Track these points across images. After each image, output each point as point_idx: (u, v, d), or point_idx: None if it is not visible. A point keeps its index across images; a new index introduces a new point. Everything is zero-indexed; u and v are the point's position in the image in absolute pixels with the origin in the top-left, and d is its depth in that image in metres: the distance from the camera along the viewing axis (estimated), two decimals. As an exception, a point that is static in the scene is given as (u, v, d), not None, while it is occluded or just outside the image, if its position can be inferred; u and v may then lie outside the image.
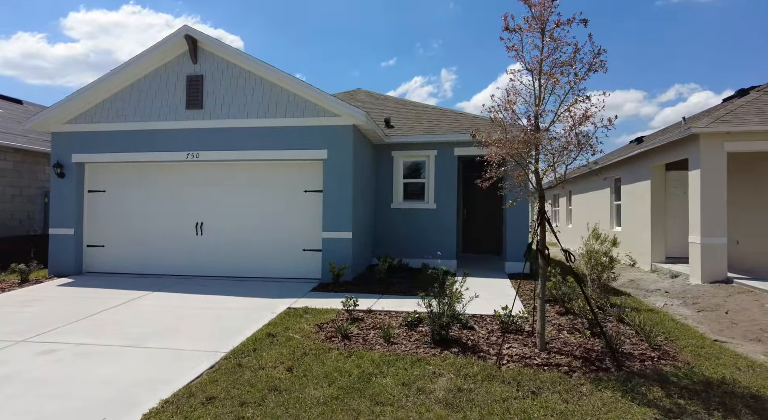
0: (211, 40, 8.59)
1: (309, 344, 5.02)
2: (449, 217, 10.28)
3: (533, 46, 4.71)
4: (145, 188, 9.26)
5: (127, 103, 9.02)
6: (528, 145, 4.62)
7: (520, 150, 4.61)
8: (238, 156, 8.68)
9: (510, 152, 4.75)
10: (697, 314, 7.33)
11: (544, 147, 4.68)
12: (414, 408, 3.56)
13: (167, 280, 8.57)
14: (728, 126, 8.91)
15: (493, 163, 4.95)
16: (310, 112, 8.45)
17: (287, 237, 8.76)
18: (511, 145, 4.63)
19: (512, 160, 4.80)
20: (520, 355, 4.60)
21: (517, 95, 4.84)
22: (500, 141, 4.67)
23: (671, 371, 4.34)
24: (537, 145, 4.69)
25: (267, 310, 6.48)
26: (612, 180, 14.79)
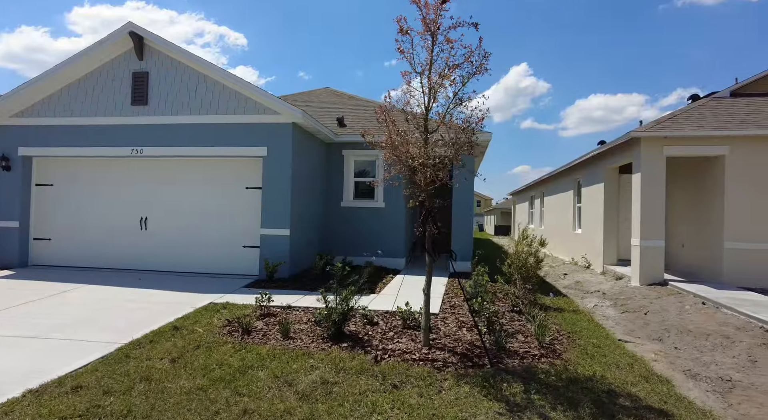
0: (156, 38, 8.67)
1: (207, 338, 5.13)
2: (398, 217, 10.40)
3: (424, 49, 4.82)
4: (93, 183, 9.36)
5: (75, 98, 9.11)
6: (414, 146, 4.73)
7: (407, 154, 4.72)
8: (182, 152, 8.78)
9: (398, 154, 4.86)
10: (621, 315, 7.47)
11: (432, 149, 4.79)
12: (270, 399, 3.67)
13: (109, 274, 8.67)
14: (666, 131, 9.04)
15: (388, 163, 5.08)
16: (251, 109, 8.55)
17: (229, 233, 8.87)
18: (396, 148, 4.74)
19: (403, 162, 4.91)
20: (403, 350, 4.72)
21: (411, 96, 4.96)
22: (386, 143, 4.77)
23: (545, 369, 4.47)
24: (425, 146, 4.81)
25: (189, 304, 6.59)
26: (576, 182, 14.94)
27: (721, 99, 10.90)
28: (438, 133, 4.91)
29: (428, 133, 4.87)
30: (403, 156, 4.88)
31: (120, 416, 3.35)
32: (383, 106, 4.83)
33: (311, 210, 9.76)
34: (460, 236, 10.18)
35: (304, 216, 9.24)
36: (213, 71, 8.56)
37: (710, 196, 9.50)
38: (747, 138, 8.84)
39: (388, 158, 4.93)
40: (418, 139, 4.77)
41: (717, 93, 11.25)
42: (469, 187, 10.21)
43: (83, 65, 8.93)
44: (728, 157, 8.96)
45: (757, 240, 8.85)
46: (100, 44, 8.70)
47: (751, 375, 4.66)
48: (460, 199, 10.23)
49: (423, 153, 4.75)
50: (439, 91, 4.86)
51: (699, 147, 9.14)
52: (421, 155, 4.74)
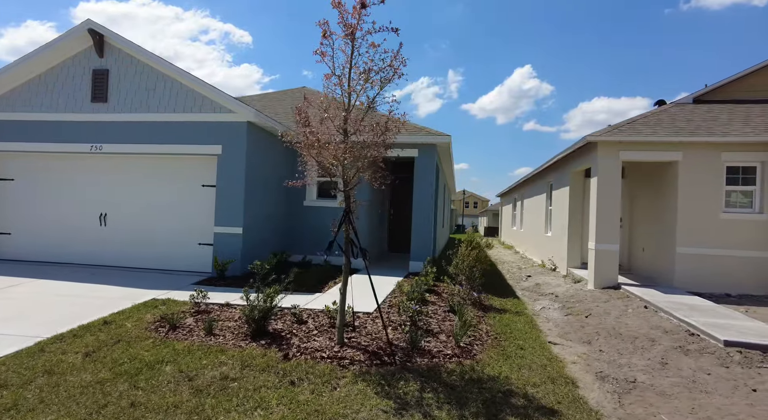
0: (115, 36, 8.76)
1: (132, 333, 5.22)
2: (360, 215, 10.46)
3: (343, 53, 4.91)
4: (53, 178, 9.44)
5: (35, 93, 9.19)
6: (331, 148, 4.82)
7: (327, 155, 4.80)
8: (141, 149, 8.87)
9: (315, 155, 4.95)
10: (563, 318, 7.55)
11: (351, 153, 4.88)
12: (162, 393, 3.76)
13: (66, 269, 8.76)
14: (621, 135, 9.13)
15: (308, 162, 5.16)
16: (207, 108, 8.64)
17: (185, 231, 8.96)
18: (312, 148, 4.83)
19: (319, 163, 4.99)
20: (316, 347, 4.80)
21: (333, 99, 5.05)
22: (303, 144, 4.86)
23: (451, 368, 4.55)
24: (345, 150, 4.90)
25: (131, 299, 6.67)
26: (548, 185, 15.02)
27: (683, 105, 10.99)
28: (357, 135, 4.99)
29: (347, 135, 4.95)
30: (319, 157, 4.96)
31: (3, 410, 3.43)
32: (300, 107, 4.90)
33: (270, 209, 9.84)
34: (419, 236, 10.27)
35: (260, 214, 9.33)
36: (171, 70, 8.65)
37: (665, 201, 9.59)
38: (698, 144, 8.92)
39: (307, 159, 5.01)
40: (336, 140, 4.85)
41: (681, 99, 11.34)
42: (428, 187, 10.29)
43: (44, 61, 9.01)
44: (681, 163, 9.05)
45: (707, 245, 8.94)
46: (59, 40, 8.78)
47: (655, 376, 4.74)
48: (420, 199, 10.32)
49: (340, 155, 4.84)
50: (360, 95, 4.96)
51: (654, 152, 9.23)
52: (338, 157, 4.82)
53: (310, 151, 4.89)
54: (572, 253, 11.83)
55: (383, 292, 7.67)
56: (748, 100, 10.81)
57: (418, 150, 10.22)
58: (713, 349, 5.44)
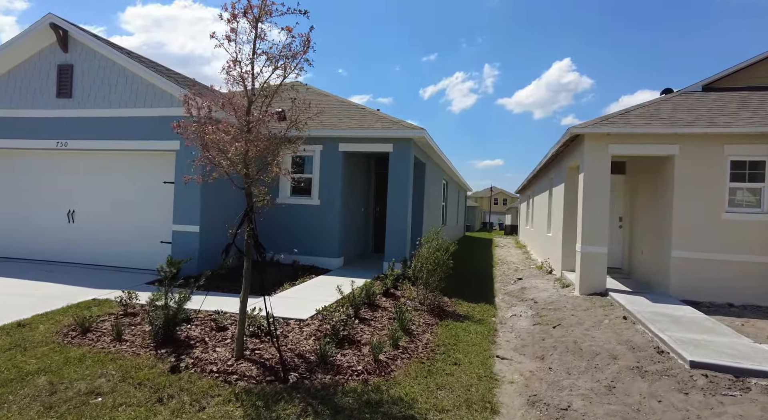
0: (78, 31, 8.63)
1: (38, 337, 4.97)
2: (333, 215, 10.04)
3: (248, 39, 4.47)
4: (21, 174, 9.45)
5: (3, 90, 9.19)
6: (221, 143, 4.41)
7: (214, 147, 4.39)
8: (104, 146, 8.73)
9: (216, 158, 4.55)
10: (530, 327, 6.88)
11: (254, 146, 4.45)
12: (9, 410, 3.44)
13: (28, 266, 8.73)
14: (609, 127, 8.30)
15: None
16: (165, 102, 8.39)
17: (148, 228, 8.77)
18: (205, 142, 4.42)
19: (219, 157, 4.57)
20: (211, 360, 4.40)
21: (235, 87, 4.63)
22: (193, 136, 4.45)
23: (351, 388, 4.05)
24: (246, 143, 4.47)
25: (68, 299, 6.47)
26: (550, 181, 14.14)
27: (689, 94, 9.96)
28: (260, 126, 4.56)
29: (249, 127, 4.52)
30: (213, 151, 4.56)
31: None
32: (187, 95, 4.50)
33: (235, 207, 9.49)
34: (394, 235, 9.74)
35: (222, 212, 9.01)
36: (130, 64, 8.44)
37: (662, 200, 8.67)
38: (697, 136, 7.98)
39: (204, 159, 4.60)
40: (231, 133, 4.42)
41: (689, 87, 10.29)
42: (403, 184, 9.72)
43: (9, 57, 8.99)
44: (678, 158, 8.13)
45: (707, 249, 8.01)
46: (21, 36, 8.73)
47: (594, 403, 4.09)
48: (395, 196, 9.77)
49: (233, 148, 4.41)
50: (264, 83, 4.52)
51: (647, 145, 8.34)
52: (233, 151, 4.40)
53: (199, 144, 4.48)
54: (567, 254, 11.00)
55: (333, 295, 7.21)
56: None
57: (393, 145, 9.67)
58: (676, 371, 4.70)
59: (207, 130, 4.30)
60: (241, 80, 4.52)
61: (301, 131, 4.80)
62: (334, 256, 10.00)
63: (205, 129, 4.30)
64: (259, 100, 4.65)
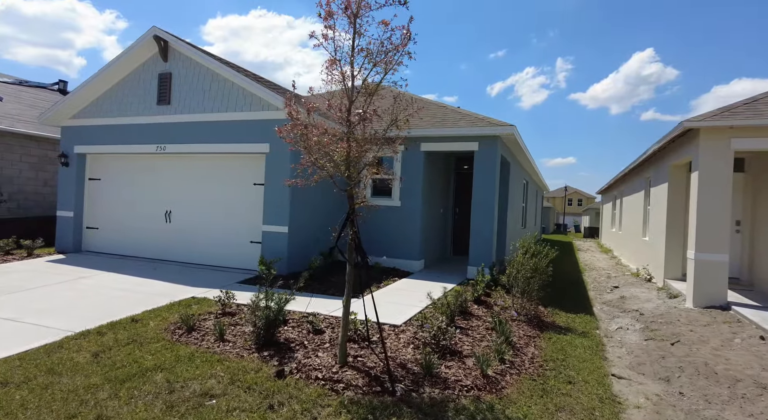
0: (176, 41, 9.11)
1: (150, 333, 5.19)
2: (414, 216, 9.81)
3: (346, 35, 4.34)
4: (129, 177, 10.18)
5: (114, 99, 9.96)
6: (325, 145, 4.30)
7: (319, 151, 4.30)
8: (198, 149, 9.15)
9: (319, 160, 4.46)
10: (641, 343, 6.19)
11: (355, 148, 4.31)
12: (135, 406, 3.53)
13: (133, 262, 9.37)
14: (733, 119, 7.30)
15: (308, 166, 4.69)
16: (255, 106, 8.61)
17: (238, 228, 9.07)
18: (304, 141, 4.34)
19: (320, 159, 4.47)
20: (315, 366, 4.31)
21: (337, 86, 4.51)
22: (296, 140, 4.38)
23: (463, 405, 3.77)
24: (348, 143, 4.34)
25: (170, 296, 6.79)
26: (647, 181, 12.93)
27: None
28: (362, 126, 4.41)
29: (350, 127, 4.38)
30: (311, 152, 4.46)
31: (-22, 409, 3.43)
32: (289, 96, 4.43)
33: (320, 207, 9.59)
34: (479, 238, 9.31)
35: (309, 213, 9.11)
36: (223, 69, 8.76)
37: (799, 201, 7.50)
38: None
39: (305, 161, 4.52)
40: (334, 135, 4.31)
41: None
42: (489, 184, 9.26)
43: (120, 69, 9.71)
44: (822, 152, 6.98)
45: None
46: (130, 49, 9.37)
47: (752, 445, 3.48)
48: (480, 197, 9.33)
49: (339, 150, 4.29)
50: (367, 81, 4.36)
51: (781, 139, 7.24)
52: (338, 153, 4.28)
53: (302, 146, 4.39)
54: (671, 261, 9.95)
55: (423, 301, 6.95)
56: None
57: (479, 143, 9.25)
58: None
59: (312, 132, 4.20)
60: (341, 79, 4.38)
61: (401, 130, 4.55)
62: (415, 259, 9.77)
63: (309, 131, 4.20)
64: (360, 99, 4.49)
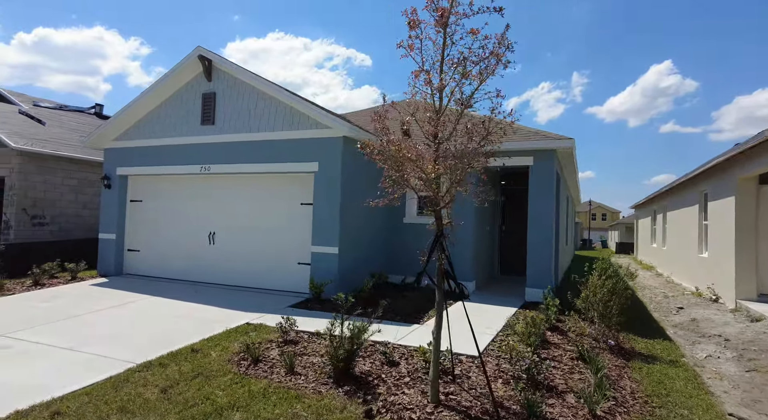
0: (220, 60, 9.04)
1: (214, 365, 4.87)
2: (465, 235, 9.38)
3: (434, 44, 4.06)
4: (171, 198, 10.05)
5: (157, 120, 9.91)
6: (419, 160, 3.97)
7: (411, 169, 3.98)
8: (243, 169, 8.97)
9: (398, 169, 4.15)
10: (744, 375, 5.61)
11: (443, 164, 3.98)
12: (220, 455, 3.18)
13: (177, 285, 9.15)
14: (821, 127, 6.76)
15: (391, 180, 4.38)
16: (303, 124, 8.41)
17: (284, 249, 8.79)
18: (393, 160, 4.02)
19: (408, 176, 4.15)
20: (405, 405, 3.90)
21: (423, 99, 4.21)
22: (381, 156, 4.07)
23: (586, 453, 3.30)
24: (434, 161, 4.02)
25: (224, 323, 6.49)
26: (702, 194, 12.30)
27: None
28: (452, 141, 4.08)
29: (438, 142, 4.06)
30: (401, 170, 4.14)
31: (56, 458, 3.12)
32: (379, 110, 4.14)
33: (368, 227, 9.28)
34: (537, 258, 8.83)
35: (358, 233, 8.79)
36: (268, 88, 8.62)
37: None
38: None
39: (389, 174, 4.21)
40: (424, 150, 3.99)
41: None
42: (547, 201, 8.83)
43: (163, 91, 9.68)
44: None
45: None
46: (174, 70, 9.34)
47: None
48: (538, 214, 8.89)
49: (428, 167, 3.96)
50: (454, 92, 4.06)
51: None
52: (426, 169, 3.95)
53: (390, 163, 4.08)
54: (743, 281, 9.28)
55: (491, 327, 6.50)
56: None
57: (534, 157, 8.85)
58: None
59: (401, 146, 3.88)
60: (429, 91, 4.09)
61: (494, 144, 4.21)
62: (467, 280, 9.30)
63: (399, 146, 3.89)
64: (451, 112, 4.18)
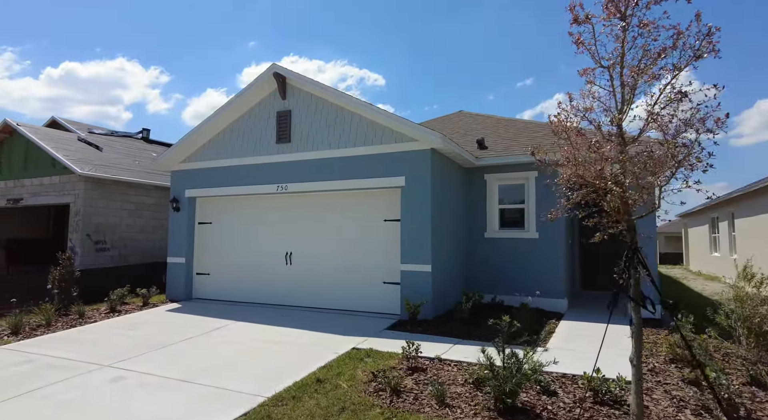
0: (296, 76, 8.88)
1: (353, 397, 4.46)
2: (555, 248, 8.90)
3: (611, 37, 3.68)
4: (243, 219, 9.82)
5: (228, 140, 9.76)
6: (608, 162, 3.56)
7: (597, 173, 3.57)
8: (322, 186, 8.69)
9: (586, 174, 3.73)
10: None
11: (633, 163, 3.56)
12: None
13: (257, 309, 8.81)
14: None
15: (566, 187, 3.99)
16: (387, 138, 8.11)
17: (368, 269, 8.41)
18: (586, 165, 3.62)
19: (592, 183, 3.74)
20: (606, 443, 3.41)
21: (594, 99, 3.83)
22: (566, 160, 3.68)
23: None
24: (624, 162, 3.60)
25: (330, 349, 6.10)
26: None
27: None
28: (638, 143, 3.67)
29: (625, 144, 3.65)
30: (591, 176, 3.73)
31: None
32: (558, 115, 3.77)
33: (453, 243, 8.86)
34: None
35: (445, 250, 8.38)
36: (349, 103, 8.39)
37: None
38: None
39: (566, 180, 3.81)
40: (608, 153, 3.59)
41: None
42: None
43: (235, 110, 9.55)
44: None
45: None
46: (249, 88, 9.22)
47: None
48: (644, 222, 8.33)
49: (618, 170, 3.55)
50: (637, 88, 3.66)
51: None
52: (618, 174, 3.54)
53: (577, 170, 3.69)
54: None
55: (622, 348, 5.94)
56: None
57: (629, 164, 8.36)
58: None
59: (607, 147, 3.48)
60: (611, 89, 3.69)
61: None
62: (559, 297, 8.77)
63: (601, 146, 3.49)
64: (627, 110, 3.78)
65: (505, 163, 9.31)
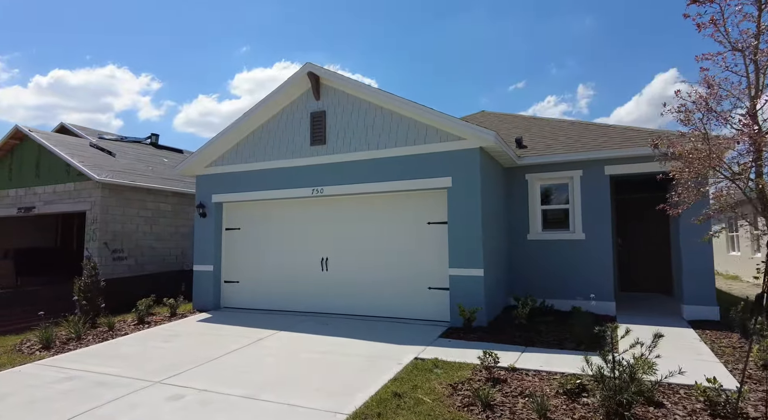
0: (331, 75, 8.57)
1: (443, 413, 4.10)
2: (603, 249, 8.58)
3: (742, 17, 3.40)
4: (275, 225, 9.44)
5: (258, 143, 9.40)
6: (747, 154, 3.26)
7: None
8: (360, 189, 8.35)
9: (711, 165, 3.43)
10: None
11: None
12: None
13: (293, 318, 8.42)
14: None
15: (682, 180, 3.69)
16: (431, 137, 7.79)
17: (411, 274, 8.05)
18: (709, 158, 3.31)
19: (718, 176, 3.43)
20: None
21: (717, 87, 3.53)
22: (694, 152, 3.37)
23: None
24: (759, 150, 3.30)
25: (391, 359, 5.73)
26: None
27: None
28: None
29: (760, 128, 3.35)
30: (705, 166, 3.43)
31: None
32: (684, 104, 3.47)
33: (498, 245, 8.54)
34: (692, 266, 7.92)
35: (494, 252, 8.06)
36: (389, 101, 8.07)
37: None
38: None
39: (692, 174, 3.50)
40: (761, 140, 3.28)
41: None
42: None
43: (265, 112, 9.21)
44: None
45: None
46: (282, 88, 8.89)
47: None
48: (691, 227, 8.05)
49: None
50: None
51: None
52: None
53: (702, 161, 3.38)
54: None
55: (701, 354, 5.64)
56: None
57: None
58: None
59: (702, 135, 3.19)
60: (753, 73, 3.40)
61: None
62: (608, 300, 8.44)
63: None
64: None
65: (547, 162, 9.02)
